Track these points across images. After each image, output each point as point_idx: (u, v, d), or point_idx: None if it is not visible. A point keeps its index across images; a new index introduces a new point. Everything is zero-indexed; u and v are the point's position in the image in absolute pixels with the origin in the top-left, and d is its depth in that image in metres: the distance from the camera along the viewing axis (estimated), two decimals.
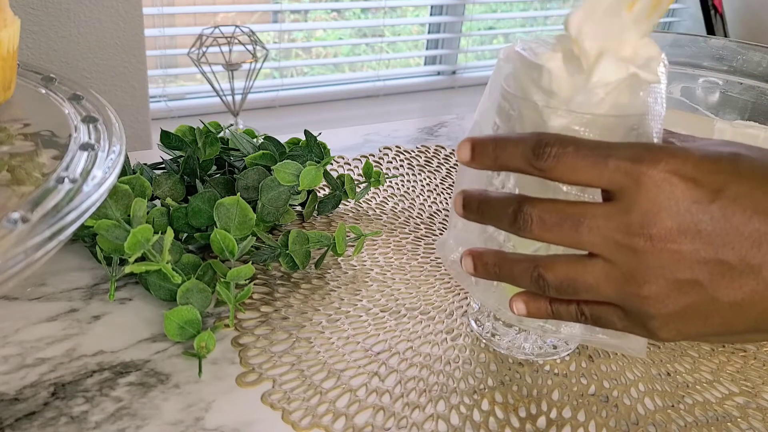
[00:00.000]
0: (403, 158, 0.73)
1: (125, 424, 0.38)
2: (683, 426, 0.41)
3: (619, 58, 0.36)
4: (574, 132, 0.35)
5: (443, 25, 2.13)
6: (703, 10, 2.11)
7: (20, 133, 0.45)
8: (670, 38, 0.68)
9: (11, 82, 0.45)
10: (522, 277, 0.34)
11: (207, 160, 0.57)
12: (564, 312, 0.34)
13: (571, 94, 0.36)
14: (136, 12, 1.37)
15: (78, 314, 0.46)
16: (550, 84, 0.36)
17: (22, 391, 0.40)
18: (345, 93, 2.01)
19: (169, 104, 1.74)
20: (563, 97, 0.36)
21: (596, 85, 0.35)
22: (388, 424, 0.39)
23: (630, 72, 0.35)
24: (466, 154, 0.35)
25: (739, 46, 0.65)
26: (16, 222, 0.31)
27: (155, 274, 0.47)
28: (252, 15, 1.90)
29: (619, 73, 0.35)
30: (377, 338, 0.46)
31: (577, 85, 0.36)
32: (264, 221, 0.54)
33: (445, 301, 0.51)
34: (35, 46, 1.31)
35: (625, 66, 0.36)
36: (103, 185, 0.35)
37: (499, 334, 0.46)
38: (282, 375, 0.42)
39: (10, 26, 0.44)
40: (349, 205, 0.63)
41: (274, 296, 0.49)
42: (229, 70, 1.55)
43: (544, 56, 0.37)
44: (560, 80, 0.36)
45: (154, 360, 0.43)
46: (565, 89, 0.36)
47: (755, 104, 0.63)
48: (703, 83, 0.65)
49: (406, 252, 0.56)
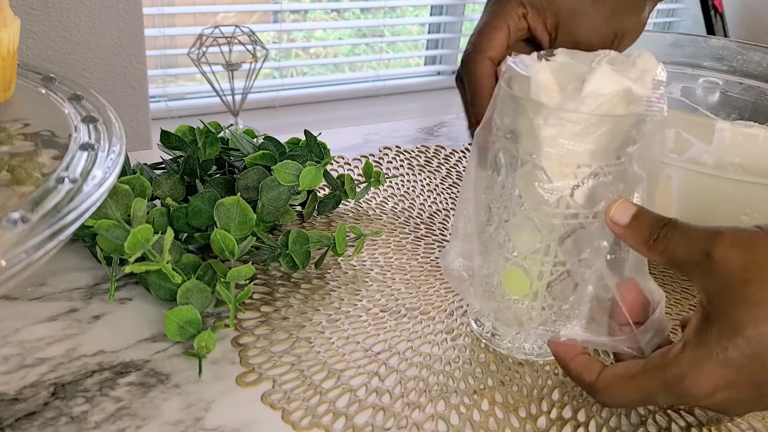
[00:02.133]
0: (403, 158, 0.73)
1: (125, 424, 0.38)
2: (683, 426, 0.41)
3: (614, 70, 0.36)
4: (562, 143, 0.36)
5: (443, 25, 2.13)
6: (703, 10, 2.11)
7: (20, 133, 0.45)
8: (670, 38, 0.68)
9: (11, 82, 0.45)
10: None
11: (207, 160, 0.57)
12: None
13: (561, 105, 0.36)
14: (136, 12, 1.37)
15: (78, 314, 0.46)
16: (538, 95, 0.37)
17: (22, 391, 0.40)
18: (345, 93, 2.01)
19: (169, 104, 1.74)
20: (553, 107, 0.36)
21: (588, 95, 0.36)
22: (388, 424, 0.39)
23: (624, 86, 0.35)
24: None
25: (739, 46, 0.65)
26: (16, 222, 0.31)
27: (155, 274, 0.47)
28: (252, 15, 1.90)
29: (613, 86, 0.36)
30: (377, 338, 0.46)
31: (569, 95, 0.36)
32: (264, 221, 0.54)
33: (445, 301, 0.51)
34: (35, 46, 1.31)
35: (619, 79, 0.36)
36: (103, 185, 0.35)
37: (499, 335, 0.46)
38: (282, 375, 0.42)
39: (10, 26, 0.44)
40: (349, 205, 0.63)
41: (274, 296, 0.49)
42: (229, 70, 1.55)
43: (533, 68, 0.37)
44: (549, 92, 0.36)
45: (154, 360, 0.43)
46: (555, 100, 0.36)
47: (755, 104, 0.63)
48: (703, 83, 0.65)
49: (406, 252, 0.56)
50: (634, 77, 0.36)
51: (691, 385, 0.32)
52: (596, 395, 0.37)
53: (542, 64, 0.38)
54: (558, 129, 0.36)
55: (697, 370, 0.32)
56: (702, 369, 0.32)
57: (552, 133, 0.36)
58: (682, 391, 0.33)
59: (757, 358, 0.31)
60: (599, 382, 0.36)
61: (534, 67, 0.37)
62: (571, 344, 0.39)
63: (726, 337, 0.31)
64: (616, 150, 0.37)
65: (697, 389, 0.32)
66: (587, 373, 0.37)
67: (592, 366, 0.37)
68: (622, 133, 0.36)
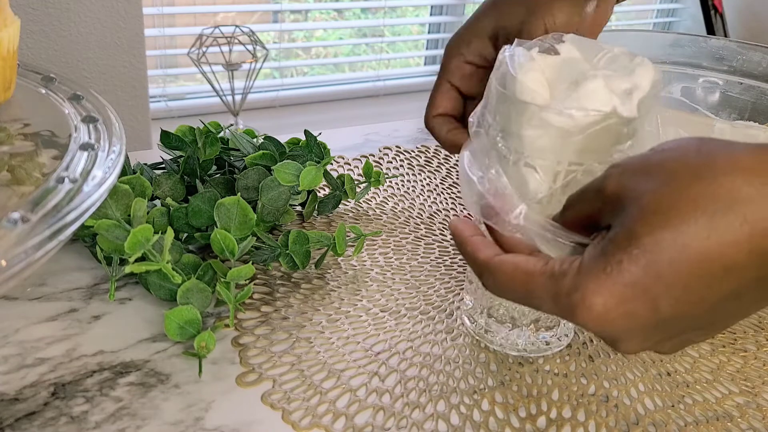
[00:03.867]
0: (403, 158, 0.73)
1: (125, 424, 0.38)
2: (683, 426, 0.41)
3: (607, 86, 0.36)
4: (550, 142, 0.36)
5: (443, 25, 2.13)
6: (703, 10, 2.11)
7: (20, 133, 0.45)
8: (670, 38, 0.68)
9: (11, 82, 0.45)
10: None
11: (207, 160, 0.57)
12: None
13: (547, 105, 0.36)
14: (136, 12, 1.37)
15: (78, 314, 0.46)
16: (523, 96, 0.37)
17: (22, 391, 0.40)
18: (345, 93, 2.01)
19: (169, 104, 1.74)
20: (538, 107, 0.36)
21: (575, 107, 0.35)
22: (388, 424, 0.39)
23: (611, 107, 0.35)
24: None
25: (739, 46, 0.65)
26: (16, 222, 0.31)
27: (155, 274, 0.47)
28: (252, 15, 1.90)
29: (600, 105, 0.35)
30: (377, 338, 0.46)
31: (559, 95, 0.36)
32: (264, 221, 0.54)
33: (445, 301, 0.51)
34: (35, 46, 1.31)
35: (608, 97, 0.35)
36: (103, 185, 0.35)
37: (492, 331, 0.46)
38: (282, 375, 0.42)
39: (10, 26, 0.44)
40: (349, 205, 0.63)
41: (274, 296, 0.49)
42: (229, 70, 1.55)
43: (523, 67, 0.37)
44: (536, 93, 0.36)
45: (154, 360, 0.43)
46: (543, 99, 0.36)
47: (755, 104, 0.63)
48: (703, 83, 0.65)
49: (406, 252, 0.56)
50: (623, 91, 0.36)
51: (580, 300, 0.29)
52: (483, 276, 0.34)
53: (532, 64, 0.37)
54: (544, 129, 0.36)
55: (588, 285, 0.29)
56: (594, 284, 0.29)
57: (539, 133, 0.36)
58: (570, 304, 0.29)
59: (652, 268, 0.28)
60: (493, 262, 0.33)
61: (524, 66, 0.37)
62: (472, 223, 0.36)
63: (622, 248, 0.28)
64: (608, 147, 0.37)
65: (587, 307, 0.29)
66: (484, 250, 0.34)
67: (490, 247, 0.34)
68: (612, 133, 0.36)
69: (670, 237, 0.27)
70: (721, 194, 0.27)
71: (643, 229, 0.28)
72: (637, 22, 2.53)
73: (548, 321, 0.45)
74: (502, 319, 0.45)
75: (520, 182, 0.38)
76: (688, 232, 0.27)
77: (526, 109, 0.36)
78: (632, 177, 0.29)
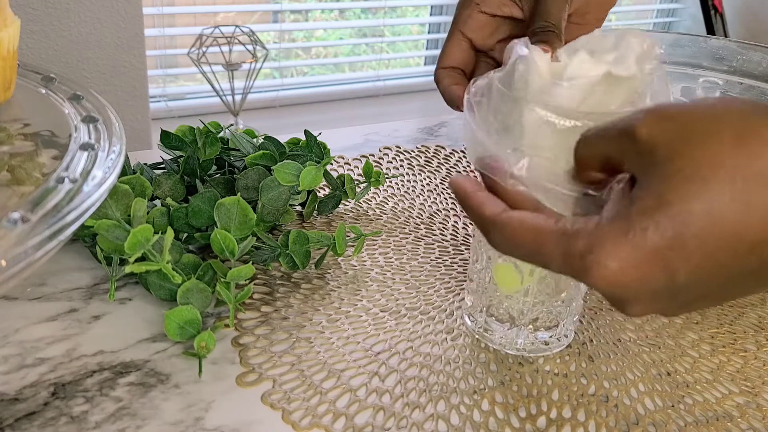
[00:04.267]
0: (403, 158, 0.73)
1: (125, 424, 0.38)
2: (683, 426, 0.41)
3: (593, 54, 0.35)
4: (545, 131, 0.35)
5: (443, 25, 2.13)
6: (703, 10, 2.11)
7: (20, 133, 0.45)
8: (670, 38, 0.68)
9: (11, 82, 0.45)
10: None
11: (207, 160, 0.57)
12: None
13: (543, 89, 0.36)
14: (136, 12, 1.37)
15: (78, 314, 0.46)
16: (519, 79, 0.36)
17: (22, 391, 0.40)
18: (345, 93, 2.01)
19: (169, 104, 1.74)
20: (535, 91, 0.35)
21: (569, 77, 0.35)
22: (388, 424, 0.39)
23: (604, 70, 0.35)
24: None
25: (739, 46, 0.65)
26: (16, 222, 0.31)
27: (155, 274, 0.47)
28: (252, 15, 1.90)
29: (595, 70, 0.35)
30: (377, 338, 0.46)
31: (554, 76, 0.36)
32: (264, 221, 0.54)
33: (445, 301, 0.51)
34: (35, 46, 1.31)
35: (598, 63, 0.35)
36: (103, 185, 0.35)
37: (491, 330, 0.46)
38: (282, 375, 0.42)
39: (10, 26, 0.44)
40: (349, 205, 0.63)
41: (275, 296, 0.49)
42: (229, 70, 1.55)
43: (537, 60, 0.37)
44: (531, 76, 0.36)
45: (154, 360, 0.43)
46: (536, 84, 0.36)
47: None
48: (703, 83, 0.65)
49: (406, 252, 0.56)
50: (613, 58, 0.36)
51: (594, 261, 0.28)
52: (490, 232, 0.32)
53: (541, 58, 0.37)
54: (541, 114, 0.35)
55: (605, 246, 0.27)
56: (611, 246, 0.27)
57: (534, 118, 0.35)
58: (583, 266, 0.28)
59: (678, 239, 0.26)
60: (500, 218, 0.32)
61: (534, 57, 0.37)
62: (474, 179, 0.35)
63: (649, 215, 0.27)
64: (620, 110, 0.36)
65: (601, 269, 0.28)
66: (490, 206, 0.32)
67: (495, 203, 0.33)
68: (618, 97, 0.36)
69: (702, 210, 0.26)
70: (759, 166, 0.26)
71: (676, 196, 0.26)
72: (637, 22, 2.53)
73: (547, 321, 0.45)
74: (501, 317, 0.45)
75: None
76: (721, 206, 0.26)
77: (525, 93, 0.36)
78: (670, 129, 0.27)
